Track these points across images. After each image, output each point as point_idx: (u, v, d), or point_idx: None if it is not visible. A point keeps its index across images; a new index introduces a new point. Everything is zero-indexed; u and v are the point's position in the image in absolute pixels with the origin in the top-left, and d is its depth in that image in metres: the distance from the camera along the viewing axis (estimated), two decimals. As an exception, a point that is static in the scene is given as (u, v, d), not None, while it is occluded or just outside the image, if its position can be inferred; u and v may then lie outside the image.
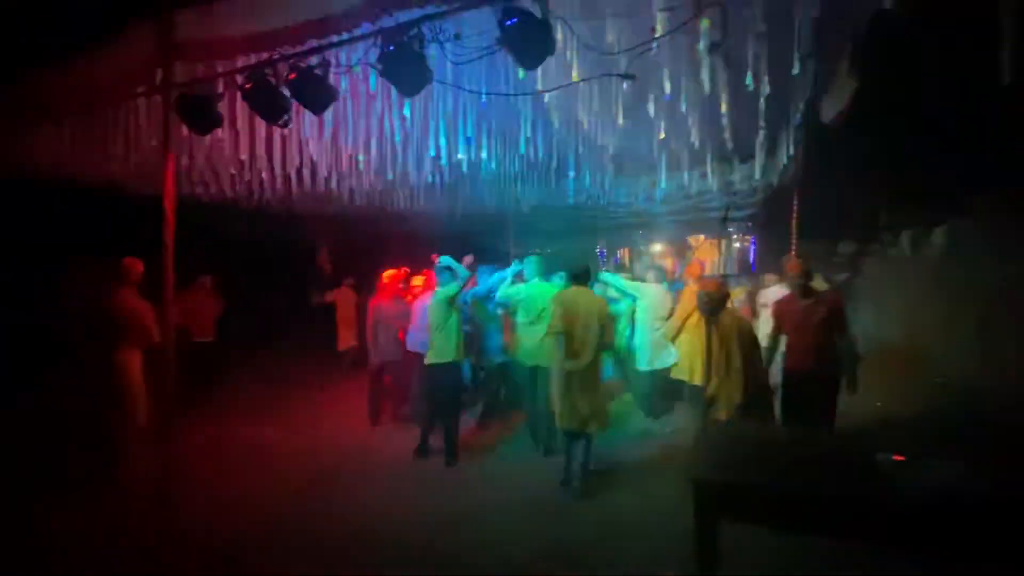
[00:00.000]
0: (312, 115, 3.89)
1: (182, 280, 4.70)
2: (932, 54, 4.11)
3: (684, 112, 4.01)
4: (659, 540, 3.40)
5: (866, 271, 8.44)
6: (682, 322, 5.42)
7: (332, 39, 3.44)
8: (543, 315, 4.86)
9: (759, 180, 6.46)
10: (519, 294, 5.24)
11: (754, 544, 2.78)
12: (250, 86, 3.58)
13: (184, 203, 4.14)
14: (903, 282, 7.51)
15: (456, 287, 4.82)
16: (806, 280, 4.04)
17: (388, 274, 6.03)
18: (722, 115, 4.00)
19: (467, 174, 6.25)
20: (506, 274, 5.41)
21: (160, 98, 3.99)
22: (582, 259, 4.80)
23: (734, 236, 10.93)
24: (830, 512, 2.25)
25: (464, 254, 5.29)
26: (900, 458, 2.38)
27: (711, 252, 11.71)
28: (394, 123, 4.59)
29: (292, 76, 3.44)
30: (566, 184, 7.00)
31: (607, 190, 7.23)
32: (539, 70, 3.31)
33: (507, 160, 5.77)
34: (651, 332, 5.84)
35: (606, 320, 4.21)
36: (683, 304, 5.51)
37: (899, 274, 7.68)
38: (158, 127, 4.22)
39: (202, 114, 3.82)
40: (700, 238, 11.72)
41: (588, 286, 4.38)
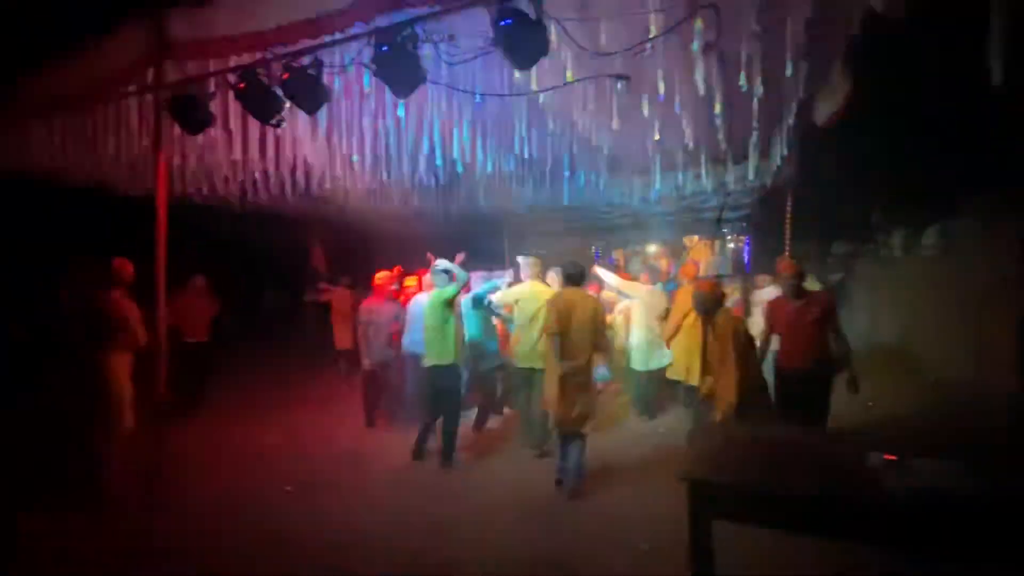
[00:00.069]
0: (305, 115, 3.88)
1: (175, 280, 4.68)
2: (925, 55, 4.14)
3: (678, 113, 4.02)
4: (654, 540, 3.40)
5: (859, 271, 8.50)
6: (679, 323, 5.43)
7: (325, 39, 3.42)
8: (537, 317, 4.87)
9: (753, 181, 6.49)
10: (513, 296, 5.24)
11: (748, 544, 2.78)
12: (243, 86, 3.56)
13: (177, 203, 4.12)
14: (896, 282, 7.57)
15: (454, 289, 4.81)
16: (799, 280, 4.04)
17: (380, 275, 6.01)
18: (716, 116, 4.01)
19: (462, 174, 6.25)
20: (496, 284, 5.42)
21: (152, 98, 3.97)
22: (576, 260, 4.80)
23: (728, 237, 10.95)
24: (823, 512, 2.26)
25: (459, 254, 5.27)
26: (892, 458, 2.39)
27: (705, 252, 11.75)
28: (388, 123, 4.58)
29: (285, 76, 3.42)
30: (561, 185, 7.01)
31: (602, 191, 7.23)
32: (533, 70, 3.32)
33: (501, 160, 5.76)
34: (646, 332, 5.85)
35: (600, 321, 4.21)
36: (680, 304, 5.51)
37: (892, 274, 7.74)
38: (150, 127, 4.21)
39: (194, 114, 3.80)
40: (695, 239, 11.75)
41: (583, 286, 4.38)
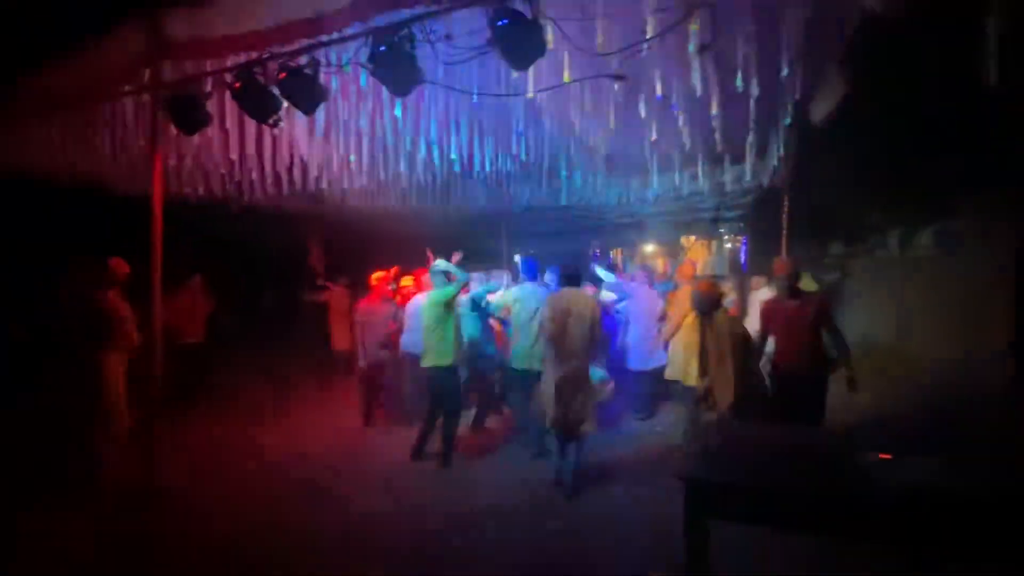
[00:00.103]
0: (302, 115, 3.87)
1: (172, 280, 4.67)
2: (922, 55, 4.14)
3: (675, 113, 4.02)
4: (651, 539, 3.41)
5: (856, 272, 8.51)
6: (680, 323, 5.43)
7: (322, 38, 3.42)
8: (535, 318, 4.87)
9: (750, 181, 6.50)
10: (512, 297, 5.23)
11: (745, 543, 2.79)
12: (240, 85, 3.55)
13: (174, 202, 4.10)
14: (892, 282, 7.59)
15: (453, 290, 4.81)
16: (794, 281, 4.05)
17: (376, 276, 6.01)
18: (712, 116, 4.02)
19: (459, 174, 6.24)
20: (494, 286, 5.42)
21: (149, 97, 3.96)
22: (574, 260, 4.81)
23: (725, 237, 10.98)
24: (818, 510, 2.27)
25: (456, 254, 5.27)
26: (887, 456, 2.40)
27: (702, 253, 11.78)
28: (385, 123, 4.58)
29: (282, 75, 3.42)
30: (558, 185, 7.01)
31: (599, 191, 7.23)
32: (530, 71, 3.32)
33: (499, 160, 5.76)
34: (643, 332, 5.86)
35: (598, 322, 4.21)
36: (678, 305, 5.51)
37: (888, 274, 7.75)
38: (147, 126, 4.19)
39: (191, 113, 3.80)
40: (692, 239, 11.79)
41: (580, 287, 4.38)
